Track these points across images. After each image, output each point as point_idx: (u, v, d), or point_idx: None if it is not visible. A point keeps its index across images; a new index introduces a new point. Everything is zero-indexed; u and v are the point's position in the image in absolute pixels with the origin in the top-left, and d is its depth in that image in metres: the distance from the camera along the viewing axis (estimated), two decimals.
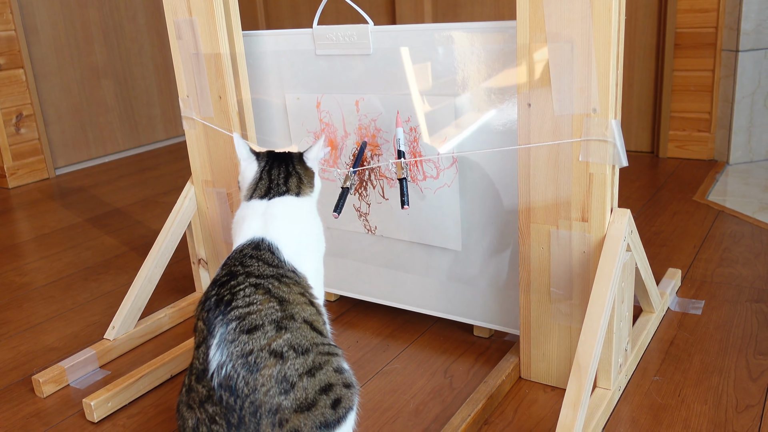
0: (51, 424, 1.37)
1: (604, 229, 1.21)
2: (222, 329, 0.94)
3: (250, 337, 0.93)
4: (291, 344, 0.94)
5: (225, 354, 0.92)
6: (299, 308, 1.00)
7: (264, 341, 0.93)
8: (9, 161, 3.10)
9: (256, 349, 0.92)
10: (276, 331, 0.94)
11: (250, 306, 0.96)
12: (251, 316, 0.95)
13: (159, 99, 3.76)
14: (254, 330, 0.94)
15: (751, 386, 1.32)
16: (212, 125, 1.62)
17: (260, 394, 0.90)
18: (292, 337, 0.95)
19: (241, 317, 0.95)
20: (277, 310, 0.96)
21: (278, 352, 0.93)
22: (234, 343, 0.93)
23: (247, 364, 0.91)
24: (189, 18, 1.55)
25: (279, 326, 0.95)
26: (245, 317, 0.95)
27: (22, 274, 2.13)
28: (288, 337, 0.94)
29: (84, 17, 3.36)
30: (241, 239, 1.12)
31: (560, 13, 1.14)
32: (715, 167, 2.64)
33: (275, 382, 0.91)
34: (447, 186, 1.42)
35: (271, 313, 0.96)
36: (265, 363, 0.91)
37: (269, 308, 0.96)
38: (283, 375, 0.92)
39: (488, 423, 1.27)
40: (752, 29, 2.52)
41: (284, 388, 0.91)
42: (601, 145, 1.17)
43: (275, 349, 0.93)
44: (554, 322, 1.32)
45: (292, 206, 1.18)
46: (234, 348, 0.92)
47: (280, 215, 1.15)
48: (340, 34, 1.45)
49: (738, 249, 1.91)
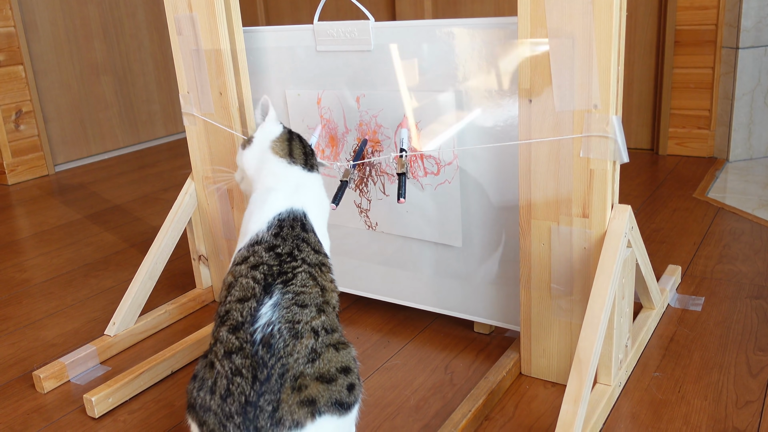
0: (51, 420, 1.37)
1: (604, 226, 1.21)
2: (279, 296, 1.05)
3: (302, 311, 1.04)
4: (324, 326, 1.05)
5: (276, 315, 1.02)
6: (331, 295, 1.12)
7: (309, 318, 1.04)
8: (8, 158, 3.10)
9: (303, 321, 1.03)
10: (317, 313, 1.06)
11: (304, 287, 1.08)
12: (304, 295, 1.07)
13: (159, 95, 3.75)
14: (304, 306, 1.05)
15: (751, 382, 1.32)
16: (213, 121, 1.62)
17: (292, 360, 0.99)
18: (327, 320, 1.07)
19: (297, 293, 1.07)
20: (319, 296, 1.09)
21: (316, 330, 1.04)
22: (287, 310, 1.03)
23: (294, 330, 1.01)
24: (189, 14, 1.55)
25: (319, 309, 1.07)
26: (299, 293, 1.07)
27: (22, 270, 2.13)
28: (324, 320, 1.06)
29: (84, 13, 3.36)
30: (280, 200, 1.19)
31: (561, 9, 1.14)
32: (715, 164, 2.64)
33: (307, 352, 1.01)
34: (448, 182, 1.42)
35: (315, 297, 1.08)
36: (307, 335, 1.02)
37: (315, 293, 1.08)
38: (313, 348, 1.02)
39: (489, 419, 1.27)
40: (752, 26, 2.52)
41: (312, 357, 1.01)
42: (601, 141, 1.17)
43: (314, 327, 1.04)
44: (555, 318, 1.32)
45: (320, 186, 1.28)
46: (286, 313, 1.03)
47: (313, 193, 1.25)
48: (340, 30, 1.45)
49: (738, 246, 1.91)
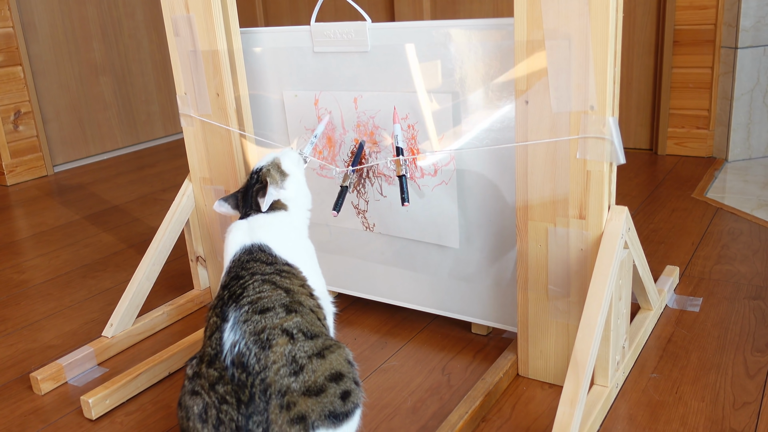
0: (49, 422, 1.37)
1: (601, 227, 1.21)
2: (235, 313, 0.97)
3: (263, 317, 0.96)
4: (300, 328, 0.97)
5: (238, 333, 0.95)
6: (304, 297, 1.04)
7: (276, 320, 0.96)
8: (7, 158, 3.10)
9: (269, 326, 0.95)
10: (286, 314, 0.97)
11: (260, 293, 1.00)
12: (263, 300, 0.99)
13: (157, 96, 3.75)
14: (266, 311, 0.97)
15: (749, 383, 1.32)
16: (210, 122, 1.62)
17: (271, 372, 0.92)
18: (302, 321, 0.97)
19: (253, 301, 0.99)
20: (284, 297, 1.00)
21: (289, 332, 0.95)
22: (247, 323, 0.96)
23: (260, 340, 0.94)
24: (186, 15, 1.55)
25: (289, 309, 0.98)
26: (257, 301, 0.99)
27: (20, 271, 2.13)
28: (298, 321, 0.97)
29: (82, 14, 3.36)
30: (230, 253, 1.14)
31: (558, 10, 1.14)
32: (714, 164, 2.64)
33: (286, 360, 0.93)
34: (445, 183, 1.42)
35: (280, 298, 0.99)
36: (277, 340, 0.94)
37: (277, 294, 1.00)
38: (293, 355, 0.93)
39: (486, 420, 1.27)
40: (751, 26, 2.52)
41: (293, 369, 0.93)
42: (598, 143, 1.17)
43: (286, 328, 0.95)
44: (552, 320, 1.32)
45: (270, 219, 1.20)
46: (247, 327, 0.95)
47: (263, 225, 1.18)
48: (337, 31, 1.45)
49: (736, 246, 1.91)
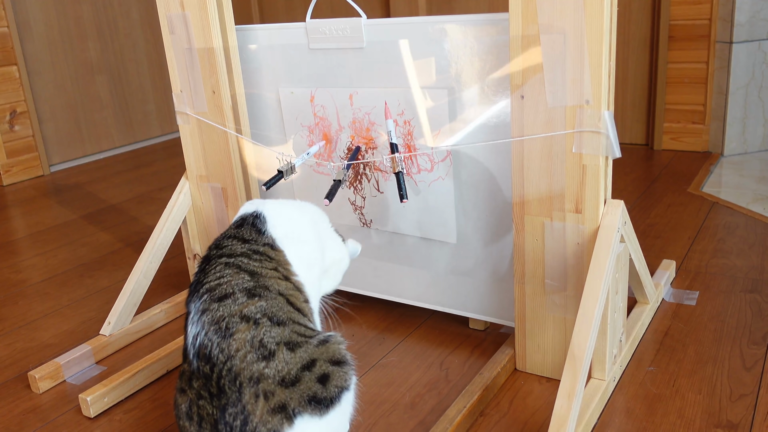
0: (47, 420, 1.37)
1: (597, 221, 1.22)
2: (196, 304, 0.94)
3: (221, 305, 0.91)
4: (265, 312, 0.91)
5: (199, 325, 0.91)
6: (273, 281, 0.97)
7: (235, 307, 0.91)
8: (3, 158, 3.09)
9: (227, 314, 0.90)
10: (248, 298, 0.92)
11: (219, 279, 0.95)
12: (221, 286, 0.93)
13: (154, 95, 3.75)
14: (225, 298, 0.92)
15: (745, 376, 1.32)
16: (206, 120, 1.62)
17: (237, 360, 0.87)
18: (267, 306, 0.92)
19: (211, 289, 0.94)
20: (248, 281, 0.94)
21: (251, 318, 0.90)
22: (206, 312, 0.91)
23: (219, 330, 0.89)
24: (181, 12, 1.55)
25: (251, 294, 0.92)
26: (215, 288, 0.94)
27: (17, 271, 2.13)
28: (262, 305, 0.91)
29: (77, 13, 3.35)
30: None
31: (552, 5, 1.14)
32: (710, 159, 2.65)
33: (251, 346, 0.88)
34: (441, 179, 1.43)
35: (242, 282, 0.94)
36: (237, 328, 0.89)
37: (240, 278, 0.94)
38: (259, 340, 0.88)
39: (484, 415, 1.28)
40: (746, 21, 2.52)
41: (262, 353, 0.87)
42: (594, 137, 1.17)
43: (247, 314, 0.90)
44: (549, 314, 1.32)
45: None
46: (206, 317, 0.91)
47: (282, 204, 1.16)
48: (333, 27, 1.45)
49: (732, 240, 1.91)
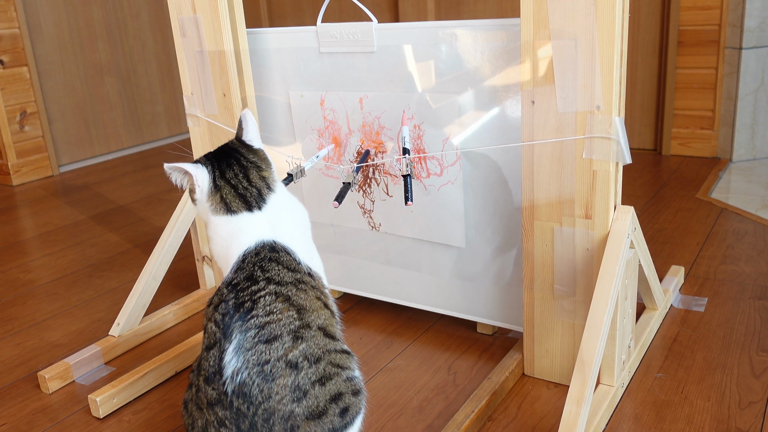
0: (57, 420, 1.38)
1: (607, 227, 1.22)
2: (240, 336, 0.94)
3: (268, 347, 0.93)
4: (305, 354, 0.95)
5: (241, 361, 0.92)
6: (315, 315, 1.00)
7: (281, 352, 0.93)
8: (13, 159, 3.11)
9: (273, 359, 0.93)
10: (293, 342, 0.94)
11: (270, 315, 0.96)
12: (270, 325, 0.95)
13: (162, 96, 3.76)
14: (273, 340, 0.94)
15: (754, 383, 1.32)
16: (216, 122, 1.63)
17: (274, 402, 0.92)
18: (307, 347, 0.95)
19: (260, 326, 0.95)
20: (295, 319, 0.96)
21: (293, 363, 0.94)
22: (251, 351, 0.93)
23: (263, 372, 0.92)
24: (193, 15, 1.56)
25: (296, 336, 0.95)
26: (264, 326, 0.95)
27: (26, 271, 2.14)
28: (303, 348, 0.95)
29: (87, 15, 3.37)
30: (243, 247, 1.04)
31: (564, 10, 1.14)
32: (719, 165, 2.64)
33: (289, 391, 0.92)
34: (451, 183, 1.43)
35: (289, 322, 0.96)
36: (281, 373, 0.93)
37: (288, 317, 0.96)
38: (297, 384, 0.93)
39: (492, 419, 1.28)
40: (755, 26, 2.52)
41: (297, 396, 0.93)
42: (604, 143, 1.17)
43: (291, 360, 0.94)
44: (558, 319, 1.32)
45: (281, 204, 1.11)
46: (251, 356, 0.93)
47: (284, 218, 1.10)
48: (343, 31, 1.45)
49: (741, 246, 1.91)
